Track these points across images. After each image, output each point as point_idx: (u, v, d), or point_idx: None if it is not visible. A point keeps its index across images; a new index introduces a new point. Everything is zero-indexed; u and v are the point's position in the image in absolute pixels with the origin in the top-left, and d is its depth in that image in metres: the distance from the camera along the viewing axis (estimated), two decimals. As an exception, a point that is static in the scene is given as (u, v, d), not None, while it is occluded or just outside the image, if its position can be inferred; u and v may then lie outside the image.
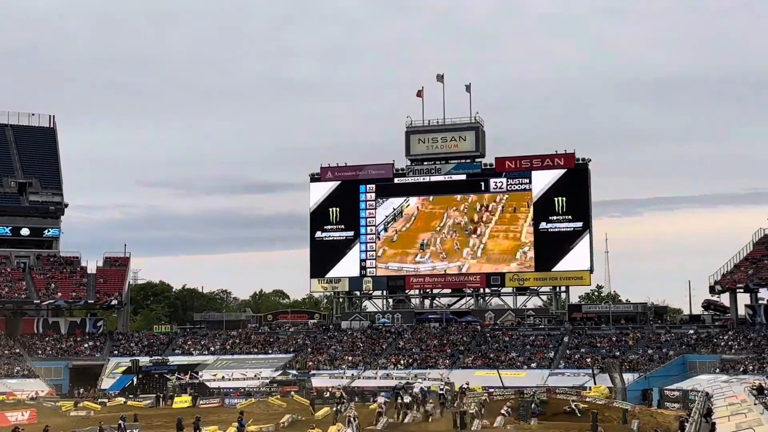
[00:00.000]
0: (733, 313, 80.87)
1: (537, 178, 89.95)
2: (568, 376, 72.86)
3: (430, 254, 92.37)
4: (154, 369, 77.99)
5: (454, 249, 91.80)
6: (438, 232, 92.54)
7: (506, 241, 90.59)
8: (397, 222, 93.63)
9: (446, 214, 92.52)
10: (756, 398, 39.31)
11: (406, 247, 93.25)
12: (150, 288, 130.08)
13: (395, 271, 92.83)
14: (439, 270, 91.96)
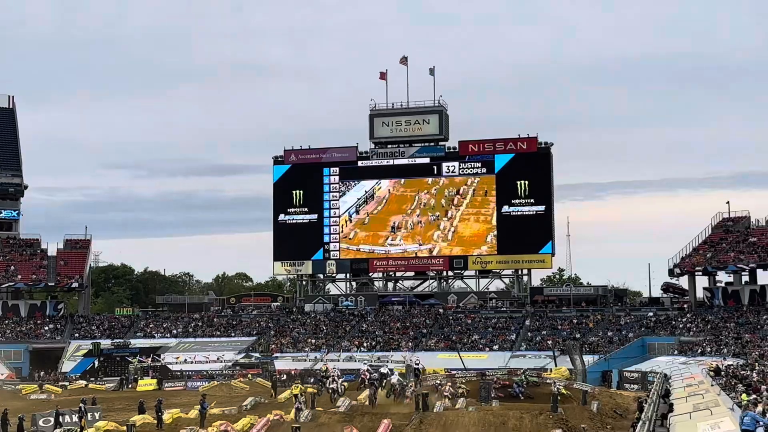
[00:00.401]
0: (692, 296, 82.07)
1: (500, 161, 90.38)
2: (529, 358, 73.59)
3: (402, 237, 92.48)
4: (115, 352, 77.53)
5: (424, 232, 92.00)
6: (409, 215, 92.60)
7: (477, 224, 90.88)
8: (368, 204, 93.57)
9: (417, 197, 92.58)
10: (713, 379, 40.02)
11: (377, 230, 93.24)
12: (111, 270, 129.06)
13: (367, 254, 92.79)
14: (409, 253, 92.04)
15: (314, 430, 35.37)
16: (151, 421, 39.53)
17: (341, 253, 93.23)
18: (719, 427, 23.08)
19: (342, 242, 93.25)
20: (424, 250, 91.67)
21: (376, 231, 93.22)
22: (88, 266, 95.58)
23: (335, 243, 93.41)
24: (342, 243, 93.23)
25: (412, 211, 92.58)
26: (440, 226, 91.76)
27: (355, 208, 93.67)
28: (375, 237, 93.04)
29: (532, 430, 33.68)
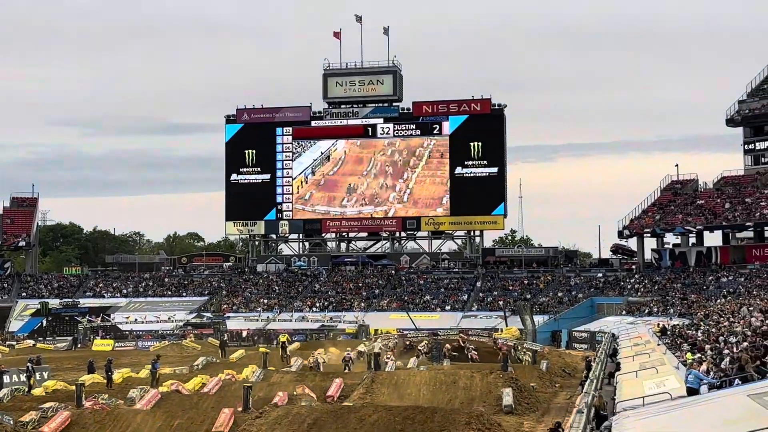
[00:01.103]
0: (640, 257, 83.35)
1: (453, 123, 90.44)
2: (480, 318, 74.37)
3: (357, 198, 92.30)
4: (64, 311, 76.70)
5: (380, 194, 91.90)
6: (365, 176, 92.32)
7: (433, 186, 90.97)
8: (324, 166, 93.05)
9: (373, 159, 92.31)
10: (659, 339, 40.77)
11: (333, 192, 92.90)
12: (60, 229, 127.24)
13: (321, 215, 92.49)
14: (365, 214, 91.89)
15: (266, 389, 35.40)
16: (101, 381, 39.23)
17: (294, 213, 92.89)
18: (664, 385, 23.51)
19: (298, 203, 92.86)
20: (380, 212, 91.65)
21: (332, 193, 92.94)
22: (36, 225, 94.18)
23: (288, 203, 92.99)
24: (298, 204, 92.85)
25: (368, 173, 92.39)
26: (396, 188, 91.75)
27: (311, 169, 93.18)
28: (331, 199, 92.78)
29: (482, 388, 34.03)
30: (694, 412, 17.19)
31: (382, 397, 33.35)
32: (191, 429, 27.13)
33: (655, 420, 17.53)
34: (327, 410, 27.51)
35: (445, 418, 25.00)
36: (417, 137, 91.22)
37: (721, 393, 18.94)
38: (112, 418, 28.39)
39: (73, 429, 27.47)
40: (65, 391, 34.98)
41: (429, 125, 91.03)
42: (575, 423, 18.40)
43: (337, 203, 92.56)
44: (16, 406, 31.49)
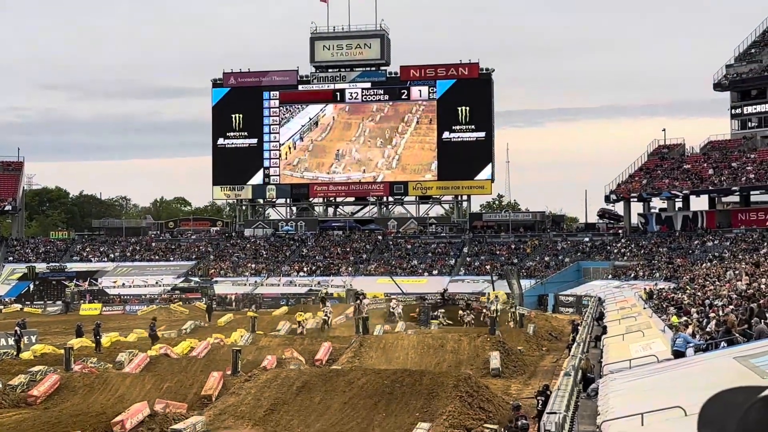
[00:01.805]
0: (627, 222, 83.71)
1: (441, 87, 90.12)
2: (467, 283, 74.64)
3: (346, 164, 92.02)
4: (51, 275, 76.59)
5: (369, 160, 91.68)
6: (353, 142, 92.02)
7: (422, 151, 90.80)
8: (313, 132, 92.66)
9: (361, 125, 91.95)
10: (645, 303, 41.09)
11: (321, 157, 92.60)
12: (46, 194, 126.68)
13: (309, 180, 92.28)
14: (353, 179, 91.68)
15: (255, 353, 35.53)
16: (89, 345, 39.29)
17: (282, 178, 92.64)
18: (650, 348, 23.71)
19: (286, 169, 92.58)
20: (368, 178, 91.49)
21: (320, 159, 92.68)
22: (21, 189, 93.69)
23: (275, 168, 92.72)
24: (286, 170, 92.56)
25: (356, 139, 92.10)
26: (385, 153, 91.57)
27: (299, 135, 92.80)
28: (320, 165, 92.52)
29: (470, 352, 34.27)
30: (681, 375, 17.36)
31: (370, 360, 33.54)
32: (180, 392, 27.23)
33: (641, 382, 17.70)
34: (316, 373, 27.65)
35: (433, 381, 25.17)
36: (405, 102, 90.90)
37: (707, 356, 19.13)
38: (102, 382, 28.47)
39: (63, 392, 27.53)
40: (54, 355, 35.03)
41: (417, 90, 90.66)
42: (562, 385, 18.54)
43: (326, 169, 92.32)
44: (4, 370, 31.53)
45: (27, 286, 76.24)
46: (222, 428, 22.91)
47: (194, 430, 22.06)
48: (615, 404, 15.13)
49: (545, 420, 14.80)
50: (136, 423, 22.23)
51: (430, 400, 23.99)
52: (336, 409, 24.11)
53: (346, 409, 24.07)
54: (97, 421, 22.73)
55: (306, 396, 25.08)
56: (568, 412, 16.27)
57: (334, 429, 22.59)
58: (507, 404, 24.13)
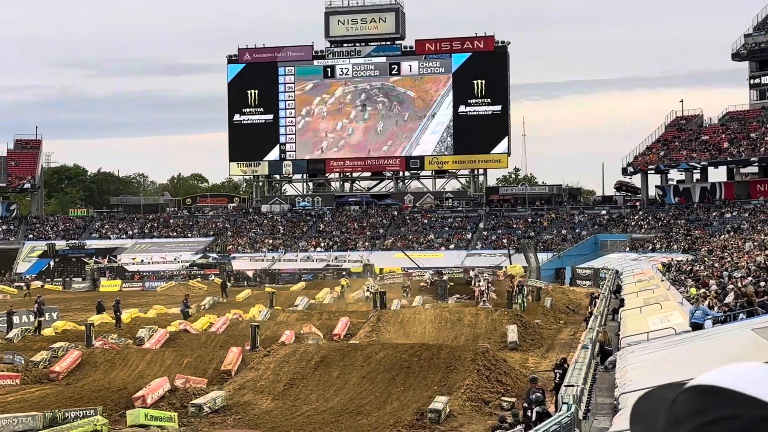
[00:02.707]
0: (644, 194, 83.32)
1: (457, 61, 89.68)
2: (484, 257, 74.59)
3: (362, 139, 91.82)
4: (71, 253, 77.16)
5: (384, 134, 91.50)
6: (370, 119, 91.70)
7: (439, 126, 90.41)
8: (326, 105, 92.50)
9: (376, 98, 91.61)
10: (663, 275, 40.99)
11: (336, 131, 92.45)
12: (64, 171, 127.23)
13: (319, 154, 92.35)
14: (370, 155, 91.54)
15: (273, 328, 35.75)
16: (109, 321, 39.64)
17: (298, 153, 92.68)
18: (668, 320, 23.70)
19: (299, 143, 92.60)
20: (385, 152, 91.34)
21: (335, 131, 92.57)
22: (40, 167, 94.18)
23: (291, 143, 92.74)
24: (299, 143, 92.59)
25: (370, 111, 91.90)
26: (401, 128, 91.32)
27: (313, 108, 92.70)
28: (334, 138, 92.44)
29: (487, 326, 34.34)
30: (699, 347, 17.36)
31: (387, 335, 33.69)
32: (200, 367, 27.47)
33: (659, 355, 17.72)
34: (334, 348, 27.81)
35: (450, 355, 25.27)
36: (420, 76, 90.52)
37: (725, 327, 19.11)
38: (122, 357, 28.76)
39: (84, 368, 27.83)
40: (75, 332, 35.40)
41: (432, 63, 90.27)
42: (580, 358, 18.59)
43: (340, 143, 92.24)
44: (26, 346, 31.90)
45: (47, 263, 76.89)
46: (241, 403, 23.11)
47: (214, 405, 22.29)
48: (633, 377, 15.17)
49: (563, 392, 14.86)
50: (157, 398, 22.46)
51: (447, 374, 24.10)
52: (354, 384, 24.26)
53: (364, 383, 24.22)
54: (119, 396, 22.98)
55: (324, 370, 25.24)
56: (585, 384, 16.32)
57: (353, 403, 22.75)
58: (524, 377, 24.21)
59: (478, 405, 22.22)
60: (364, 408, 22.15)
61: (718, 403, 1.30)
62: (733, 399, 1.29)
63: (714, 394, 1.31)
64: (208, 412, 21.92)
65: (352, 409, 22.05)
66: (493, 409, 21.82)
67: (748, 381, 1.29)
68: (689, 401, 1.33)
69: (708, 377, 1.31)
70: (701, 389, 1.33)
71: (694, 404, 1.32)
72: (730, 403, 1.29)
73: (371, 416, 21.33)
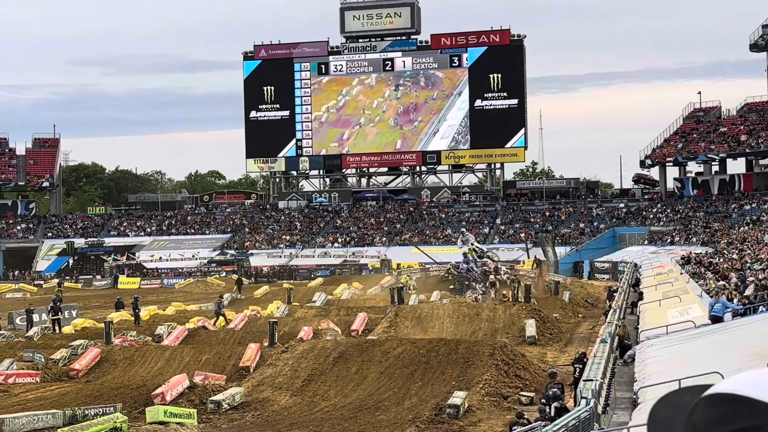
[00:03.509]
0: (662, 187, 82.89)
1: (472, 55, 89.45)
2: (502, 251, 74.26)
3: (377, 133, 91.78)
4: (89, 251, 77.62)
5: (400, 129, 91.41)
6: (384, 111, 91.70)
7: (454, 120, 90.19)
8: (343, 101, 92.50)
9: (392, 93, 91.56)
10: (682, 268, 40.74)
11: (352, 127, 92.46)
12: (82, 169, 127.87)
13: (335, 150, 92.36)
14: (383, 148, 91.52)
15: (291, 324, 35.81)
16: (128, 318, 39.82)
17: (314, 149, 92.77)
18: (688, 313, 23.57)
19: (316, 139, 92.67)
20: (401, 147, 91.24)
21: (351, 127, 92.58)
22: (58, 165, 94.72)
23: (308, 140, 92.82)
24: (316, 139, 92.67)
25: (387, 108, 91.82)
26: (417, 123, 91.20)
27: (329, 103, 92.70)
28: (350, 134, 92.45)
29: (505, 320, 34.24)
30: (719, 340, 17.24)
31: (405, 330, 33.66)
32: (219, 364, 27.55)
33: (678, 348, 17.61)
34: (352, 344, 27.81)
35: (468, 350, 25.22)
36: (436, 70, 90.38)
37: (745, 320, 18.96)
38: (141, 354, 28.88)
39: (103, 365, 27.96)
40: (94, 329, 35.57)
41: (448, 57, 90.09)
42: (599, 352, 18.50)
43: (356, 139, 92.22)
44: (46, 344, 32.08)
45: (66, 261, 77.37)
46: (260, 399, 23.16)
47: (233, 401, 22.34)
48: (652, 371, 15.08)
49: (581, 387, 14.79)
50: (176, 395, 22.53)
51: (466, 369, 24.05)
52: (372, 379, 24.26)
53: (382, 378, 24.22)
54: (138, 393, 23.08)
55: (342, 366, 25.25)
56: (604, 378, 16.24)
57: (371, 399, 22.75)
58: (543, 372, 24.13)
59: (497, 400, 22.17)
60: (382, 404, 22.15)
61: (739, 412, 1.26)
62: (755, 408, 1.24)
63: (735, 403, 1.27)
64: (226, 409, 21.98)
65: (371, 405, 22.06)
66: (512, 404, 21.77)
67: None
68: (709, 410, 1.28)
69: (728, 385, 1.27)
70: (721, 398, 1.29)
71: (714, 413, 1.27)
72: (752, 413, 1.24)
73: (390, 412, 21.32)
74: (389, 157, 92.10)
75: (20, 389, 24.56)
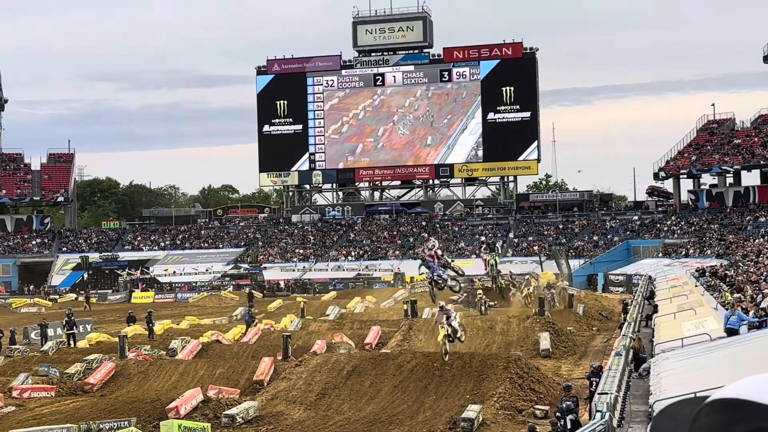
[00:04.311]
0: (676, 199, 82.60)
1: (485, 68, 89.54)
2: (516, 264, 74.15)
3: (390, 146, 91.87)
4: (104, 265, 77.91)
5: (413, 143, 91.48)
6: (397, 124, 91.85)
7: (467, 133, 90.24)
8: (355, 114, 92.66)
9: (405, 107, 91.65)
10: (697, 280, 40.55)
11: (365, 140, 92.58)
12: (97, 184, 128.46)
13: (348, 164, 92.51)
14: (396, 161, 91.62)
15: (305, 338, 35.81)
16: (142, 333, 39.92)
17: (327, 163, 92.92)
18: (703, 326, 23.44)
19: (329, 152, 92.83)
20: (414, 160, 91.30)
21: (364, 141, 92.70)
22: (73, 180, 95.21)
23: (321, 153, 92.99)
24: (329, 153, 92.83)
25: (400, 121, 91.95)
26: (430, 136, 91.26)
27: (342, 117, 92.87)
28: (363, 147, 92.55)
29: (519, 333, 34.13)
30: (735, 353, 17.14)
31: (419, 343, 33.59)
32: (233, 378, 27.56)
33: (694, 361, 17.52)
34: (365, 357, 27.77)
35: (483, 363, 25.14)
36: (448, 84, 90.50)
37: (761, 333, 18.85)
38: (156, 369, 28.91)
39: (118, 379, 28.02)
40: (108, 343, 35.66)
41: (460, 71, 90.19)
42: (614, 365, 18.42)
43: (369, 152, 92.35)
44: (61, 359, 32.18)
45: (81, 275, 77.66)
46: (274, 413, 23.14)
47: (247, 415, 22.33)
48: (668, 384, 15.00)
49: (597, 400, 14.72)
50: (190, 408, 22.55)
51: (480, 382, 23.97)
52: (386, 393, 24.21)
53: (396, 392, 24.16)
54: (152, 407, 23.10)
55: (356, 380, 25.21)
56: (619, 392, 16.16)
57: (385, 412, 22.69)
58: (557, 385, 24.03)
59: (511, 413, 22.08)
60: (396, 417, 22.10)
61: (743, 416, 1.26)
62: (759, 411, 1.26)
63: (738, 408, 1.27)
64: (240, 423, 21.97)
65: (385, 419, 22.00)
66: (527, 418, 21.68)
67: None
68: (712, 415, 1.29)
69: (730, 390, 1.28)
70: (724, 403, 1.29)
71: (718, 418, 1.28)
72: (756, 416, 1.25)
73: (404, 425, 21.27)
74: (402, 170, 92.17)
75: (35, 403, 24.64)
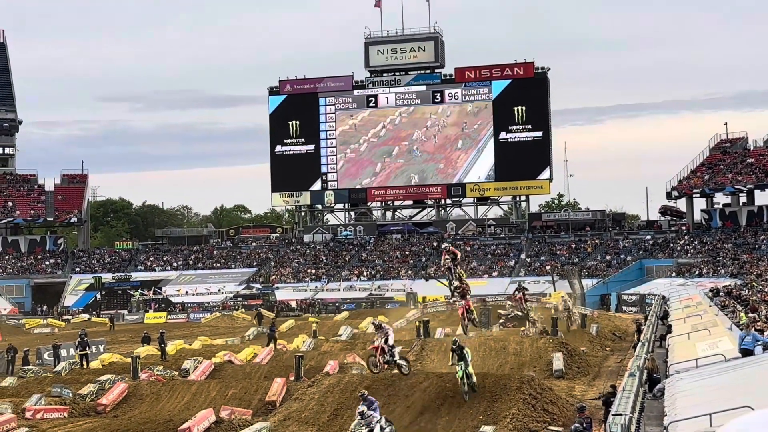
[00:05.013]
0: (690, 218, 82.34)
1: (497, 88, 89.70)
2: (528, 284, 73.92)
3: (403, 167, 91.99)
4: (117, 285, 78.14)
5: (426, 161, 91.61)
6: (410, 144, 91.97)
7: (480, 153, 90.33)
8: (367, 135, 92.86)
9: (417, 127, 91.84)
10: (711, 300, 40.34)
11: (377, 161, 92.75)
12: (110, 205, 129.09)
13: (360, 184, 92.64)
14: (411, 183, 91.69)
15: (317, 358, 35.76)
16: (155, 353, 39.94)
17: (339, 183, 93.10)
18: (717, 346, 23.30)
19: (341, 172, 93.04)
20: (426, 180, 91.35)
21: (375, 161, 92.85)
22: (86, 201, 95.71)
23: (333, 173, 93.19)
24: (341, 173, 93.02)
25: (412, 141, 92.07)
26: (442, 155, 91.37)
27: (354, 137, 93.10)
28: (374, 168, 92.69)
29: (532, 353, 33.97)
30: (750, 374, 17.03)
31: (432, 363, 33.46)
32: (245, 398, 27.52)
33: (708, 382, 17.41)
34: (378, 378, 27.68)
35: (496, 384, 25.02)
36: (460, 104, 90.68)
37: (776, 354, 18.72)
38: (168, 389, 28.90)
39: (131, 400, 28.01)
40: (121, 364, 35.68)
41: (472, 91, 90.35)
42: (627, 386, 18.30)
43: (381, 172, 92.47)
44: (74, 379, 32.21)
45: (94, 296, 77.89)
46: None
47: (259, 436, 22.25)
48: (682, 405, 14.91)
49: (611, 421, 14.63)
50: (203, 429, 22.52)
51: (493, 403, 23.86)
52: (399, 414, 24.10)
53: (408, 413, 24.07)
54: (165, 428, 23.08)
55: (369, 400, 25.10)
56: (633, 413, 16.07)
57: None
58: (571, 406, 23.89)
59: (525, 434, 21.94)
60: (409, 438, 21.99)
61: None
62: None
63: None
64: (253, 444, 21.90)
65: (397, 440, 21.88)
66: (540, 439, 21.54)
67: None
68: None
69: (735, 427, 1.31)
70: None
71: None
72: None
73: (416, 447, 21.16)
74: (414, 190, 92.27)
75: (48, 424, 24.66)
